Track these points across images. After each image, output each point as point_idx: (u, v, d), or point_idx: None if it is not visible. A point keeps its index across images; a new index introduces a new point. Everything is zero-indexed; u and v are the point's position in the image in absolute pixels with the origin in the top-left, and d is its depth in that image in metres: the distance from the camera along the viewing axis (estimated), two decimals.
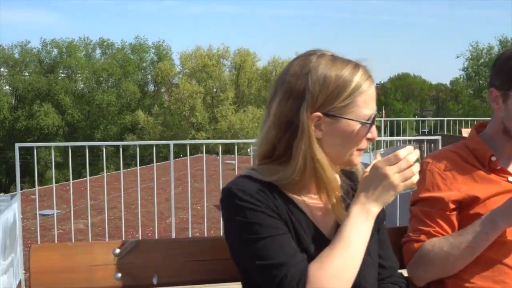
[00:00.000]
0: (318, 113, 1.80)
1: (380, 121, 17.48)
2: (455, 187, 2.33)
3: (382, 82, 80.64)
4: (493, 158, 2.37)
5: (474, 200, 2.31)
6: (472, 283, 2.29)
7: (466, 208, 2.33)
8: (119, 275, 2.09)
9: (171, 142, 7.22)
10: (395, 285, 2.05)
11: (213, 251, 2.17)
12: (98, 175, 18.33)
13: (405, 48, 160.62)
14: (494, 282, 2.28)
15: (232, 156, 9.00)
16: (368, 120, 1.82)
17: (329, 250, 1.74)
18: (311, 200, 1.88)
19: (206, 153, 8.03)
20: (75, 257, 2.09)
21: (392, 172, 1.77)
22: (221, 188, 2.54)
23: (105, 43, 58.98)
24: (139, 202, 7.47)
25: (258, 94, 53.22)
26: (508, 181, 2.37)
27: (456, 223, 2.33)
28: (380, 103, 50.27)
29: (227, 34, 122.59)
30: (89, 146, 6.93)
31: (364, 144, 1.86)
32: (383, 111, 21.11)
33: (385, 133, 16.62)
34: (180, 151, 19.77)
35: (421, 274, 2.28)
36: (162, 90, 58.46)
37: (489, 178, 2.36)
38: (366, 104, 1.82)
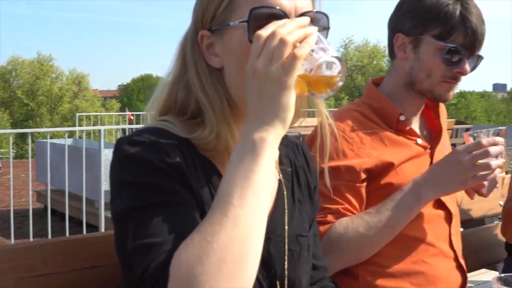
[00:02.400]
0: (204, 31, 1.31)
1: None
2: (364, 153, 1.90)
3: (124, 83, 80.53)
4: (402, 118, 2.01)
5: (387, 168, 1.92)
6: (388, 267, 1.91)
7: (376, 177, 1.92)
8: None
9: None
10: None
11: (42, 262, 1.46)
12: None
13: (147, 48, 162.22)
14: (412, 262, 1.92)
15: None
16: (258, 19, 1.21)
17: (204, 219, 1.10)
18: None
19: None
20: None
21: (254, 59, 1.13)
22: None
23: None
24: None
25: None
26: (417, 143, 2.01)
27: (365, 197, 1.90)
28: (123, 104, 50.50)
29: None
30: None
31: None
32: (128, 111, 20.74)
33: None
34: None
35: (331, 263, 1.72)
36: None
37: (398, 141, 1.99)
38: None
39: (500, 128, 1.83)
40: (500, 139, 1.78)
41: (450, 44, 1.90)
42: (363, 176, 1.89)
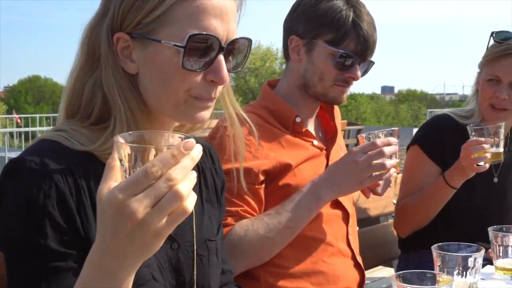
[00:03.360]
0: (122, 34, 1.23)
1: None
2: (262, 155, 1.91)
3: (10, 85, 77.74)
4: (298, 120, 2.03)
5: (285, 169, 1.94)
6: (288, 268, 1.93)
7: (275, 179, 1.94)
8: None
9: None
10: None
11: None
12: None
13: (34, 49, 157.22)
14: (312, 263, 1.95)
15: None
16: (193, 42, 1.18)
17: None
18: None
19: None
20: None
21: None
22: None
23: None
24: None
25: None
26: (313, 145, 2.03)
27: (263, 198, 1.90)
28: (10, 107, 48.53)
29: None
30: None
31: (201, 86, 1.22)
32: (15, 113, 20.08)
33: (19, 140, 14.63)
34: None
35: (233, 266, 1.71)
36: None
37: (295, 143, 2.01)
38: (192, 19, 1.19)
39: (393, 128, 1.88)
40: (393, 140, 1.83)
41: (342, 50, 1.93)
42: (262, 177, 1.90)
